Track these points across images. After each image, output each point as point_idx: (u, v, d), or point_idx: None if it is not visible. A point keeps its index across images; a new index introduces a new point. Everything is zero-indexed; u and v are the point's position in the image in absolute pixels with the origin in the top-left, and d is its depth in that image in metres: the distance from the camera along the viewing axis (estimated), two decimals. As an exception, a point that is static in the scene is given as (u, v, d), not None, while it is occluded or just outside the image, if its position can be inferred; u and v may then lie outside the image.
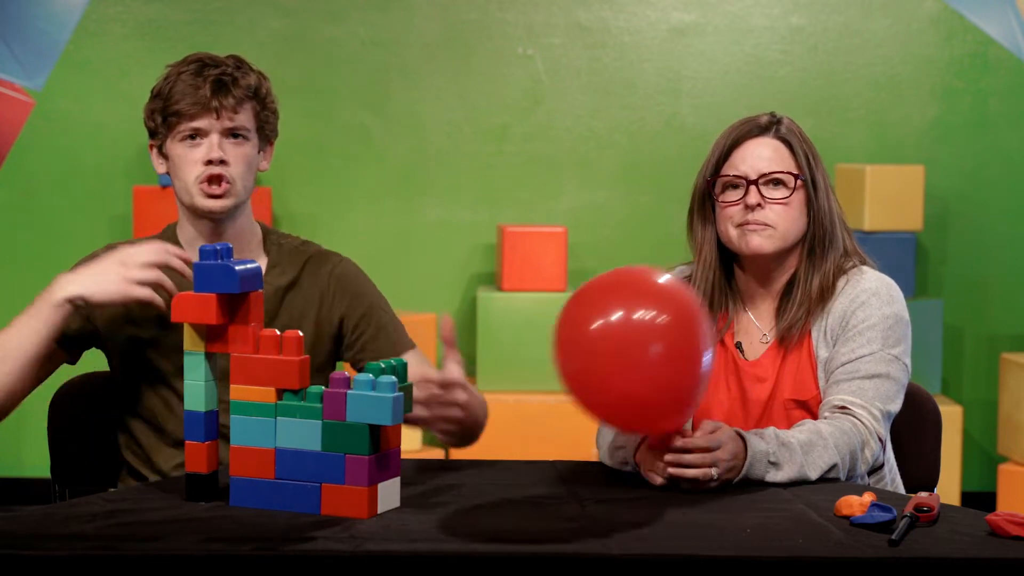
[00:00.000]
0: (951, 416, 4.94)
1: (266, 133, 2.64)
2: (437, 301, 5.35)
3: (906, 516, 2.00)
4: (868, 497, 2.08)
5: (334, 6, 5.34)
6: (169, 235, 2.66)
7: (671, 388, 2.13)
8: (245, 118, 2.58)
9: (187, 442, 2.14)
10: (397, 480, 2.12)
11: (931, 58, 5.36)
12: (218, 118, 2.54)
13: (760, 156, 2.55)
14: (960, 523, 2.05)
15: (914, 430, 2.75)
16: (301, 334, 2.09)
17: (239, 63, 2.61)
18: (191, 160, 2.55)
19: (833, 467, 2.34)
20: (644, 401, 2.12)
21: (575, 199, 5.41)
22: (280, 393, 2.09)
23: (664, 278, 2.20)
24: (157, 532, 1.96)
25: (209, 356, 2.14)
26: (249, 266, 2.11)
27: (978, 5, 5.34)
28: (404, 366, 2.15)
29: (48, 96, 5.31)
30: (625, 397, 2.12)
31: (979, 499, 5.21)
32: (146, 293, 2.38)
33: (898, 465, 2.68)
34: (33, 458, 5.32)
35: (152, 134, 2.61)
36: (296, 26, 5.32)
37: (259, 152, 2.63)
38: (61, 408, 2.72)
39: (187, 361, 2.14)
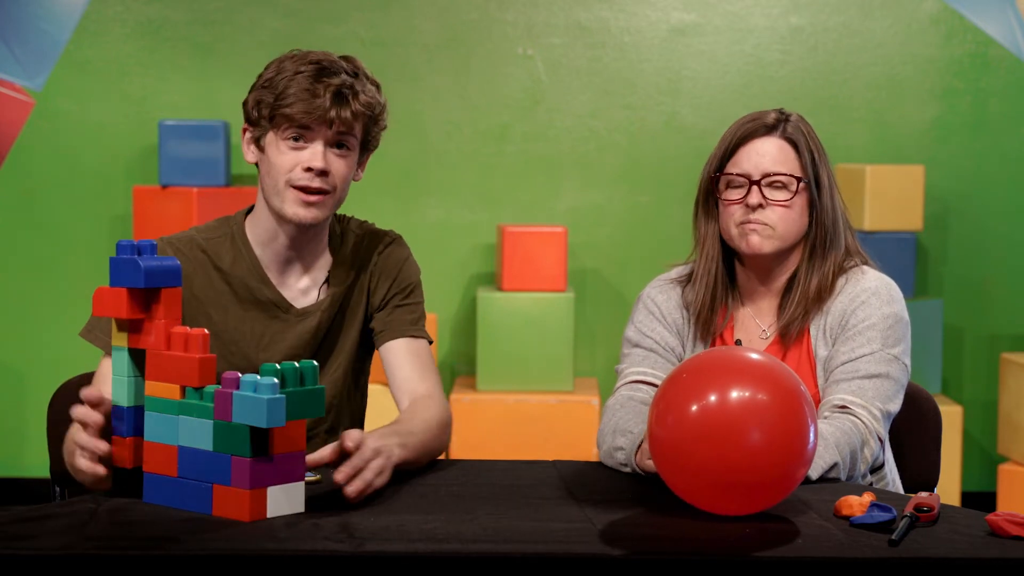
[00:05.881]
0: (951, 416, 4.94)
1: (369, 146, 2.56)
2: (437, 301, 5.35)
3: (906, 516, 2.00)
4: (868, 497, 2.08)
5: (334, 6, 5.34)
6: (236, 227, 2.57)
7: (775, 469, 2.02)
8: (354, 132, 2.49)
9: (114, 436, 2.13)
10: (300, 485, 2.05)
11: (931, 58, 5.36)
12: (330, 129, 2.45)
13: (764, 155, 2.53)
14: (960, 523, 2.05)
15: (914, 430, 2.75)
16: (207, 332, 2.06)
17: (355, 70, 2.49)
18: (290, 161, 2.46)
19: (833, 467, 2.34)
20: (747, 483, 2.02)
21: (575, 199, 5.41)
22: (183, 390, 2.07)
23: (760, 357, 2.08)
24: (157, 532, 1.96)
25: (132, 351, 2.13)
26: (166, 263, 2.09)
27: (978, 5, 5.34)
28: (313, 369, 2.05)
29: (48, 96, 5.30)
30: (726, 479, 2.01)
31: (979, 499, 5.21)
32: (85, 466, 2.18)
33: (898, 465, 2.68)
34: (33, 458, 5.32)
35: (252, 123, 2.51)
36: (296, 26, 5.32)
37: (357, 162, 2.54)
38: (61, 408, 2.71)
39: (114, 355, 2.14)
